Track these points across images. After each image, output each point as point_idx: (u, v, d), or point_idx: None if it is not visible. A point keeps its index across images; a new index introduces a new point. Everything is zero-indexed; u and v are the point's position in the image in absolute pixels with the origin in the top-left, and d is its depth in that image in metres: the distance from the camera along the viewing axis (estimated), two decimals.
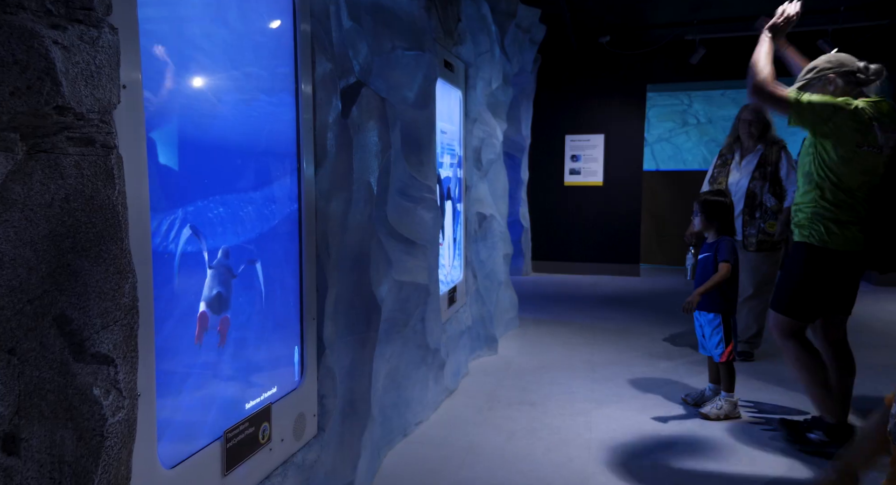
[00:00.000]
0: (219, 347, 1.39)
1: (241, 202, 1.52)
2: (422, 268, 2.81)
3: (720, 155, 3.95)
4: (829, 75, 2.48)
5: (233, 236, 1.49)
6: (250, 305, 1.53)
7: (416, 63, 2.75)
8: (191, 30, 1.30)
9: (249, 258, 1.55)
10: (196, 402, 1.31)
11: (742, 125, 3.76)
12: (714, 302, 2.90)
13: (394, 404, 2.70)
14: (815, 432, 2.55)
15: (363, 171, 2.13)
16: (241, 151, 1.51)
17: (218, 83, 1.40)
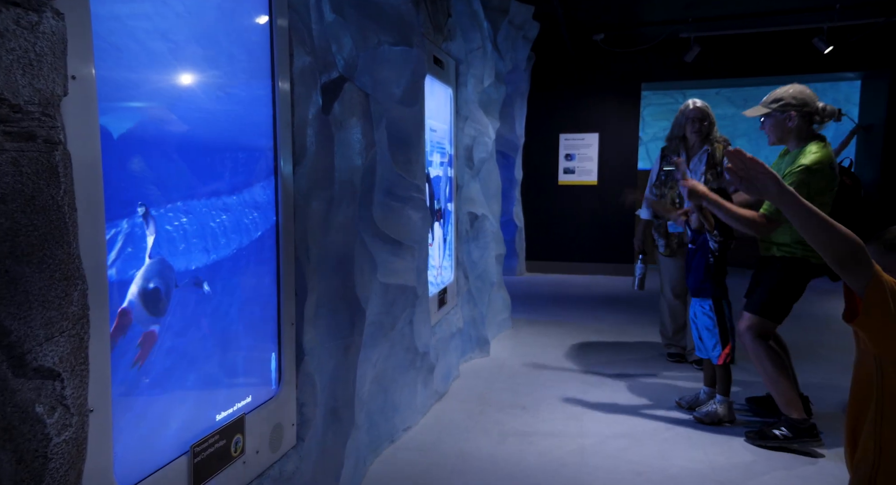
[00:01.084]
0: (166, 357, 1.31)
1: (209, 206, 1.43)
2: (409, 269, 2.74)
3: (663, 156, 3.74)
4: (791, 113, 2.65)
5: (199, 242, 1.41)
6: (210, 308, 1.45)
7: (403, 59, 2.67)
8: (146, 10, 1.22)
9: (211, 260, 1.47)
10: (158, 415, 1.23)
11: (690, 124, 3.57)
12: (705, 289, 2.85)
13: (381, 409, 2.63)
14: (781, 428, 2.62)
15: (346, 169, 2.06)
16: (209, 148, 1.42)
17: (183, 76, 1.32)
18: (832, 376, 3.55)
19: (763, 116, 2.76)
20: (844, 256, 1.08)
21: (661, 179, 3.72)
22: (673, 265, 3.74)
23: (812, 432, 2.58)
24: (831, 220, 1.10)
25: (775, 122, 2.70)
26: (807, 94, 2.66)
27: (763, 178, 1.17)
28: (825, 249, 1.10)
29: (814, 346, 4.12)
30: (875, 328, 1.09)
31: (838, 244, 1.08)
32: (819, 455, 2.54)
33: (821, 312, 5.25)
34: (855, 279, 1.08)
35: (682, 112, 3.64)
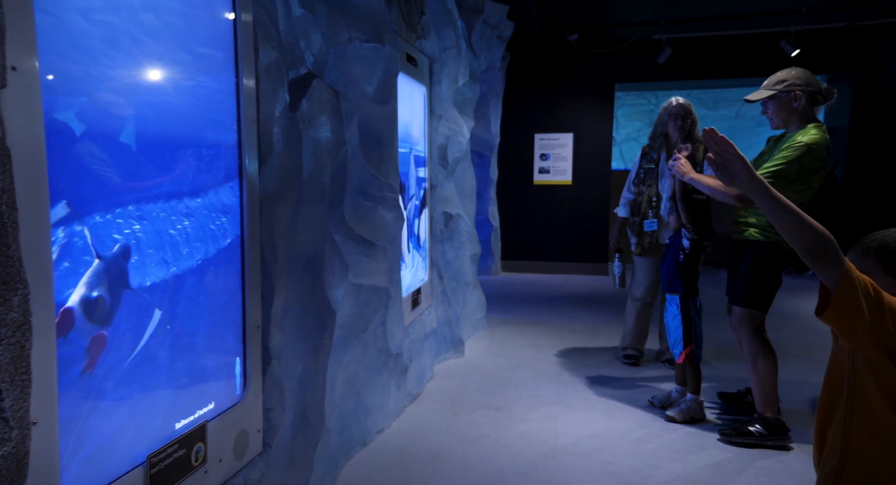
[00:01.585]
0: (116, 364, 1.25)
1: (169, 211, 1.37)
2: (382, 270, 2.70)
3: (644, 154, 3.72)
4: (796, 92, 2.65)
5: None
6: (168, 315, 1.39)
7: (375, 56, 2.63)
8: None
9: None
10: (111, 425, 1.17)
11: (673, 121, 3.54)
12: (675, 285, 2.87)
13: (353, 412, 2.58)
14: (755, 426, 2.64)
15: (314, 168, 2.01)
16: (167, 143, 1.36)
17: (138, 68, 1.26)
18: (801, 373, 3.61)
19: (766, 100, 2.73)
20: (814, 250, 1.08)
21: (641, 177, 3.72)
22: (646, 264, 3.74)
23: (784, 430, 2.63)
24: (802, 212, 1.11)
25: (780, 104, 2.68)
26: (809, 75, 2.68)
27: (733, 159, 1.18)
28: (794, 241, 1.11)
29: (783, 343, 4.19)
30: (843, 323, 1.09)
31: (808, 237, 1.09)
32: (789, 449, 2.58)
33: (790, 309, 5.35)
34: (825, 273, 1.09)
35: (665, 109, 3.62)
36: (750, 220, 2.76)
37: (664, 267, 2.96)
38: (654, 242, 3.66)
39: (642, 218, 3.67)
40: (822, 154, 2.57)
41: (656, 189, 3.63)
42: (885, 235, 1.17)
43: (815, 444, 1.23)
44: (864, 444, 1.11)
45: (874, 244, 1.17)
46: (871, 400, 1.10)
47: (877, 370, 1.08)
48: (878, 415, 1.09)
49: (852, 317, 1.06)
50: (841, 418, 1.14)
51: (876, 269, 1.15)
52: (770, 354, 2.69)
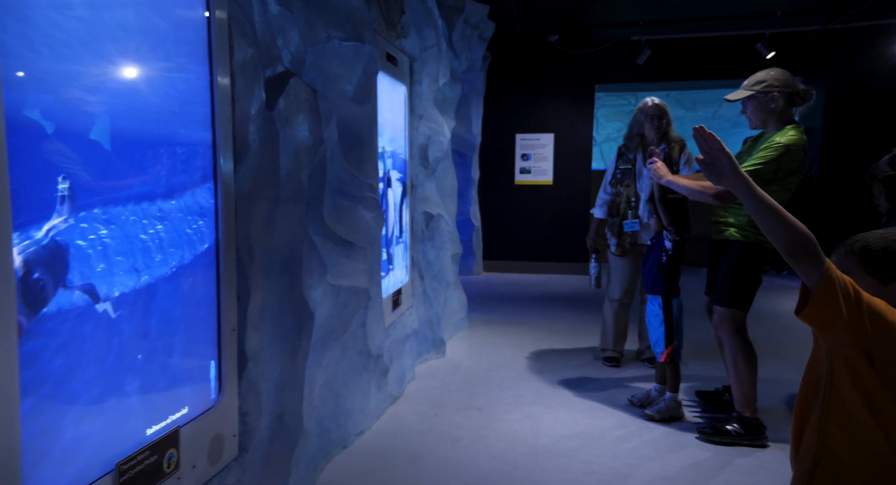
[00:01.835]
0: (100, 366, 1.21)
1: (140, 214, 1.33)
2: (362, 271, 2.67)
3: (620, 155, 3.73)
4: (774, 93, 2.68)
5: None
6: (136, 314, 1.35)
7: (354, 54, 2.61)
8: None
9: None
10: (77, 431, 1.14)
11: (649, 121, 3.56)
12: (657, 286, 2.89)
13: (332, 414, 2.55)
14: (734, 425, 2.67)
15: (292, 168, 1.98)
16: (138, 141, 1.32)
17: (108, 62, 1.23)
18: (778, 371, 3.67)
19: (745, 100, 2.76)
20: (795, 247, 1.10)
21: (618, 177, 3.72)
22: (624, 265, 3.74)
23: (761, 429, 2.66)
24: (783, 210, 1.12)
25: (758, 104, 2.71)
26: (788, 76, 2.71)
27: (719, 155, 1.20)
28: (775, 238, 1.12)
29: (761, 342, 4.21)
30: (821, 322, 1.10)
31: (789, 235, 1.10)
32: (765, 447, 2.62)
33: (768, 308, 5.44)
34: (806, 272, 1.10)
35: (640, 110, 3.64)
36: (729, 219, 2.78)
37: (646, 268, 2.98)
38: (634, 242, 3.68)
39: (622, 218, 3.68)
40: (799, 155, 2.60)
41: (634, 189, 3.65)
42: (868, 237, 1.18)
43: (792, 441, 1.24)
44: (840, 442, 1.12)
45: (857, 246, 1.18)
46: (847, 399, 1.10)
47: (854, 369, 1.09)
48: (854, 413, 1.10)
49: (830, 315, 1.07)
50: (817, 416, 1.15)
51: (858, 270, 1.16)
52: (750, 355, 2.71)
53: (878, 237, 1.16)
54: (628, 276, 3.75)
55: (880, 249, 1.14)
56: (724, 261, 2.77)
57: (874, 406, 1.08)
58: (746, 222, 2.71)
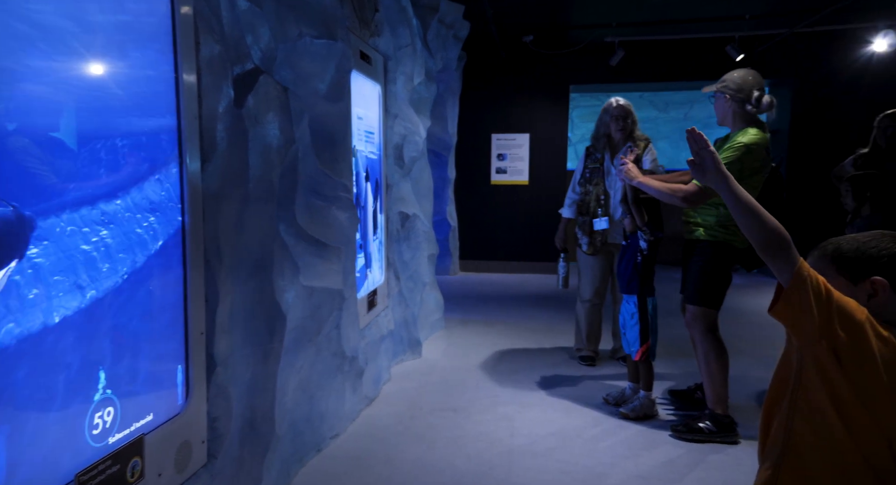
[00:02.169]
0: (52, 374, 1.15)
1: (79, 222, 1.27)
2: (335, 271, 2.64)
3: (588, 155, 3.76)
4: (726, 95, 2.77)
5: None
6: (94, 318, 1.30)
7: (327, 52, 2.57)
8: None
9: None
10: (31, 441, 1.09)
11: (615, 121, 3.61)
12: (632, 286, 2.91)
13: (306, 417, 2.51)
14: (706, 422, 2.72)
15: (262, 167, 1.94)
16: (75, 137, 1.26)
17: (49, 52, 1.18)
18: (748, 368, 3.73)
19: (716, 93, 2.83)
20: (769, 244, 1.14)
21: (587, 176, 3.75)
22: (596, 264, 3.76)
23: (732, 425, 2.71)
24: (760, 207, 1.17)
25: (718, 102, 2.81)
26: (747, 81, 2.73)
27: (705, 154, 1.25)
28: (751, 234, 1.16)
29: (732, 339, 4.29)
30: (792, 318, 1.13)
31: (764, 232, 1.15)
32: (737, 444, 2.66)
33: (739, 305, 5.53)
34: (779, 269, 1.13)
35: (605, 110, 3.69)
36: (698, 220, 2.83)
37: (621, 268, 3.00)
38: (605, 240, 3.70)
39: (592, 217, 3.71)
40: (761, 154, 2.65)
41: (604, 188, 3.68)
42: (840, 240, 1.20)
43: (760, 436, 1.26)
44: (805, 438, 1.14)
45: (830, 247, 1.20)
46: (814, 396, 1.12)
47: (822, 367, 1.11)
48: (820, 411, 1.11)
49: (801, 313, 1.09)
50: (784, 413, 1.17)
51: (831, 271, 1.18)
52: (722, 353, 2.75)
53: (850, 239, 1.19)
54: (599, 275, 3.77)
55: (851, 251, 1.16)
56: (694, 260, 2.82)
57: (840, 404, 1.10)
58: (714, 223, 2.76)
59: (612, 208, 3.66)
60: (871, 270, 1.13)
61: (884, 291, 1.11)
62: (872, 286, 1.12)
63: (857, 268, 1.14)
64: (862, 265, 1.14)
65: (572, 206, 3.84)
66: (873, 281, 1.12)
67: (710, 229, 2.78)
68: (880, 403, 1.08)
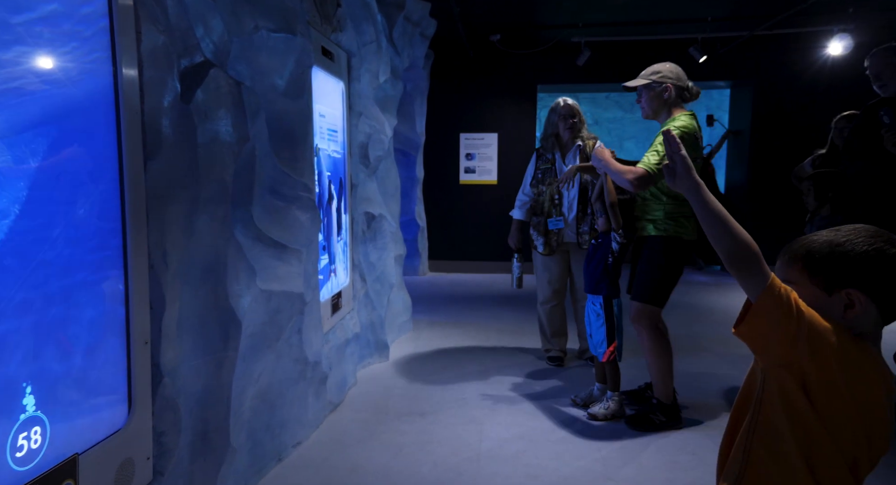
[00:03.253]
0: None
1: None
2: (296, 274, 2.54)
3: (539, 156, 3.77)
4: (668, 84, 2.82)
5: None
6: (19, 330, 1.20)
7: (285, 47, 2.48)
8: None
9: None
10: None
11: (563, 121, 3.63)
12: (600, 287, 2.90)
13: (266, 426, 2.42)
14: (656, 413, 2.80)
15: (213, 165, 1.84)
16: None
17: None
18: (712, 366, 3.76)
19: (641, 89, 2.89)
20: (737, 258, 1.04)
21: (538, 177, 3.76)
22: (552, 264, 3.74)
23: (678, 412, 2.83)
24: (730, 217, 1.07)
25: (653, 94, 2.85)
26: (680, 71, 2.87)
27: (677, 158, 1.16)
28: (719, 245, 1.07)
29: (694, 337, 4.37)
30: (757, 338, 1.05)
31: (731, 243, 1.05)
32: (681, 426, 2.80)
33: (700, 303, 5.61)
34: (747, 284, 1.03)
35: (552, 110, 3.72)
36: (647, 217, 2.86)
37: (590, 268, 2.97)
38: (560, 240, 3.69)
39: (546, 217, 3.70)
40: (692, 140, 2.70)
41: (557, 187, 3.68)
42: (812, 243, 1.08)
43: (720, 456, 1.20)
44: (763, 460, 1.07)
45: (801, 250, 1.09)
46: (774, 417, 1.06)
47: (785, 391, 1.03)
48: (779, 433, 1.05)
49: (768, 334, 1.02)
50: (745, 433, 1.10)
51: (802, 278, 1.07)
52: (667, 346, 2.83)
53: (823, 242, 1.06)
54: (556, 275, 3.75)
55: (824, 256, 1.04)
56: (644, 258, 2.86)
57: (800, 430, 1.03)
58: (663, 217, 2.79)
59: (565, 208, 3.66)
60: (848, 276, 1.02)
61: (860, 304, 1.01)
62: (849, 298, 1.02)
63: (832, 275, 1.03)
64: (837, 271, 1.02)
65: (523, 207, 3.84)
66: (849, 293, 1.02)
67: (659, 224, 2.81)
68: (847, 427, 1.01)
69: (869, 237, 1.01)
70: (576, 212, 3.64)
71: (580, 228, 3.64)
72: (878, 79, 3.02)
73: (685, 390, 3.17)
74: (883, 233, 1.02)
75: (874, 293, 1.00)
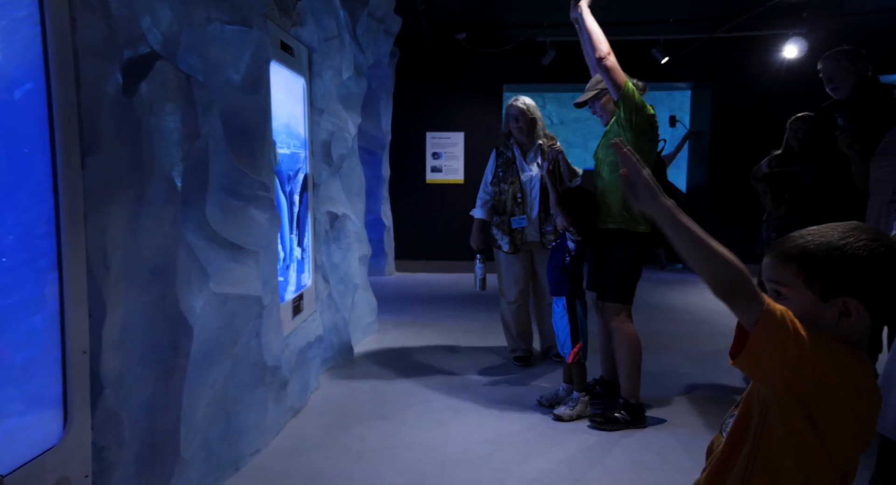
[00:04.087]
0: None
1: None
2: (253, 277, 2.45)
3: (499, 154, 3.76)
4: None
5: None
6: None
7: (241, 40, 2.38)
8: None
9: None
10: None
11: (513, 122, 3.63)
12: (561, 287, 2.89)
13: (222, 435, 2.32)
14: (621, 412, 2.80)
15: (160, 163, 1.74)
16: None
17: None
18: (676, 364, 3.80)
19: (593, 101, 2.97)
20: (724, 286, 0.93)
21: (499, 175, 3.74)
22: (517, 263, 3.73)
23: (642, 411, 2.84)
24: (714, 242, 0.94)
25: (604, 101, 2.94)
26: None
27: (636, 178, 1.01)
28: (704, 274, 0.94)
29: (656, 335, 4.40)
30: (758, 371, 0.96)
31: (721, 272, 0.92)
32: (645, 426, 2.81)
33: (661, 301, 5.69)
34: (739, 313, 0.94)
35: (507, 110, 3.74)
36: (607, 201, 2.85)
37: (549, 269, 2.97)
38: (524, 239, 3.68)
39: (509, 216, 3.68)
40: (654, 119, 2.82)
41: (519, 185, 3.67)
42: (808, 242, 0.97)
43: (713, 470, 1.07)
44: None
45: (796, 250, 0.97)
46: (776, 451, 0.97)
47: (789, 421, 0.95)
48: (781, 466, 0.97)
49: (769, 365, 0.92)
50: (743, 463, 1.01)
51: (795, 282, 0.96)
52: (638, 346, 2.84)
53: (820, 244, 0.95)
54: (521, 274, 3.74)
55: (821, 259, 0.94)
56: (608, 257, 2.86)
57: (804, 464, 0.95)
58: (619, 207, 2.79)
59: (528, 206, 3.64)
60: (846, 284, 0.93)
61: (856, 312, 0.93)
62: (845, 306, 0.93)
63: (830, 280, 0.93)
64: (836, 277, 0.93)
65: (484, 206, 3.83)
66: (846, 302, 0.93)
67: (615, 216, 2.82)
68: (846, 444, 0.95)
69: (870, 241, 0.93)
70: (537, 211, 3.64)
71: (544, 228, 3.64)
72: (831, 81, 3.09)
73: (648, 388, 3.19)
74: (881, 235, 0.94)
75: (870, 301, 0.93)
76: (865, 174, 2.83)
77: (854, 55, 3.03)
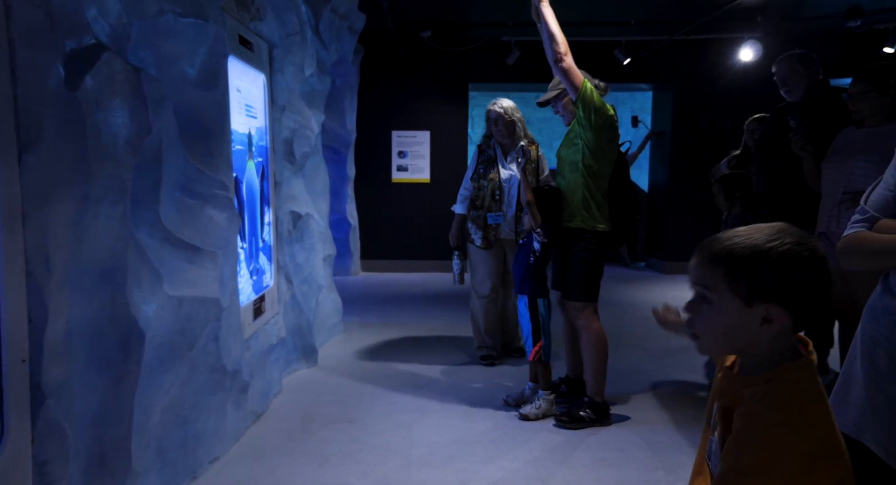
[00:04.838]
0: None
1: None
2: (210, 278, 2.37)
3: (481, 152, 3.81)
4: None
5: None
6: None
7: (195, 33, 2.29)
8: None
9: None
10: None
11: (492, 124, 3.71)
12: (524, 286, 2.90)
13: (178, 442, 2.23)
14: (586, 410, 2.81)
15: (106, 159, 1.66)
16: None
17: None
18: (640, 362, 3.84)
19: (555, 101, 2.99)
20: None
21: (480, 172, 3.76)
22: (490, 258, 3.75)
23: (607, 409, 2.86)
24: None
25: (566, 101, 2.95)
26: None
27: None
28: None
29: (620, 334, 4.44)
30: None
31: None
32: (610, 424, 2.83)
33: (622, 299, 5.77)
34: None
35: (486, 114, 3.80)
36: (568, 207, 2.88)
37: (515, 267, 2.97)
38: (498, 235, 3.69)
39: (486, 211, 3.69)
40: (614, 119, 2.85)
41: (499, 182, 3.68)
42: (735, 245, 0.90)
43: None
44: None
45: (723, 252, 0.91)
46: None
47: None
48: None
49: None
50: None
51: (721, 286, 0.90)
52: (604, 344, 2.86)
53: (747, 246, 0.89)
54: (494, 269, 3.77)
55: (746, 263, 0.89)
56: (572, 256, 2.88)
57: None
58: (580, 206, 2.82)
59: (505, 204, 3.66)
60: (770, 289, 0.88)
61: (780, 321, 0.89)
62: (768, 312, 0.88)
63: (754, 284, 0.88)
64: (761, 281, 0.88)
65: (464, 201, 3.83)
66: (769, 308, 0.88)
67: (575, 215, 2.84)
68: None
69: (794, 245, 0.88)
70: (514, 210, 3.66)
71: (519, 227, 3.66)
72: (785, 84, 3.18)
73: (612, 386, 3.21)
74: (806, 239, 0.90)
75: (792, 306, 0.89)
76: (817, 175, 2.92)
77: (806, 59, 3.12)
